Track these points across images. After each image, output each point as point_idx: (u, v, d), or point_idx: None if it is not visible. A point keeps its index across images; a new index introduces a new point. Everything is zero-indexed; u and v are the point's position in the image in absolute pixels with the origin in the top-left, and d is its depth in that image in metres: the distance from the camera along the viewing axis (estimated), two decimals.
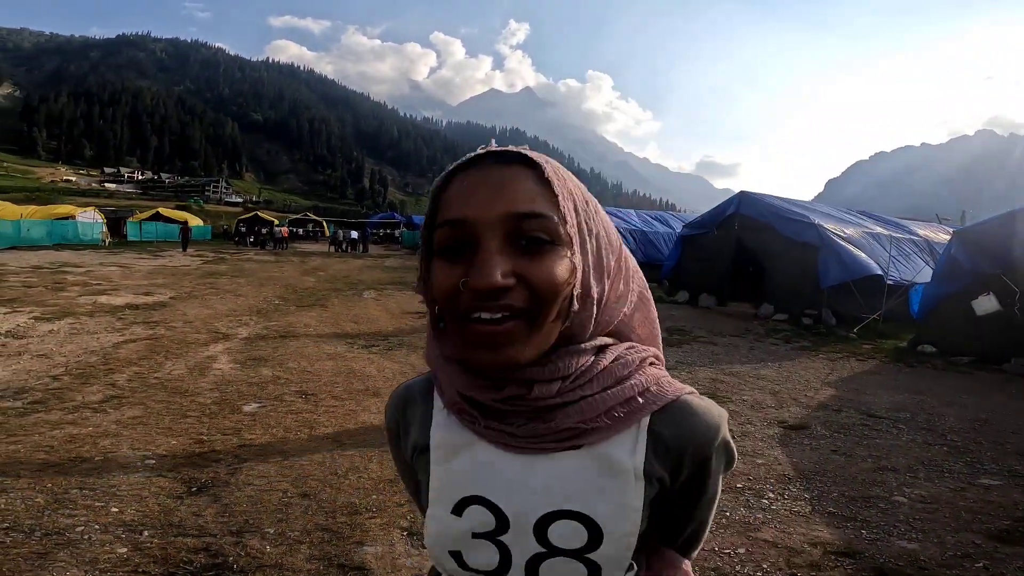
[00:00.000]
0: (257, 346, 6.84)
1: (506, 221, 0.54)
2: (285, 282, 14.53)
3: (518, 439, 0.59)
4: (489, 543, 0.62)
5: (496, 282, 0.52)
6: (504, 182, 0.55)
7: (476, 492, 0.62)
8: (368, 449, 3.79)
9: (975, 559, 2.71)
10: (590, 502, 0.59)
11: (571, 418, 0.58)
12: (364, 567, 2.46)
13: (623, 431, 0.59)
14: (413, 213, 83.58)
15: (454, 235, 0.55)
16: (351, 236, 35.15)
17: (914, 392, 6.14)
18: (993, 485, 3.67)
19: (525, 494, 0.60)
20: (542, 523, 0.60)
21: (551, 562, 0.60)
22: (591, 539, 0.59)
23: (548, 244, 0.55)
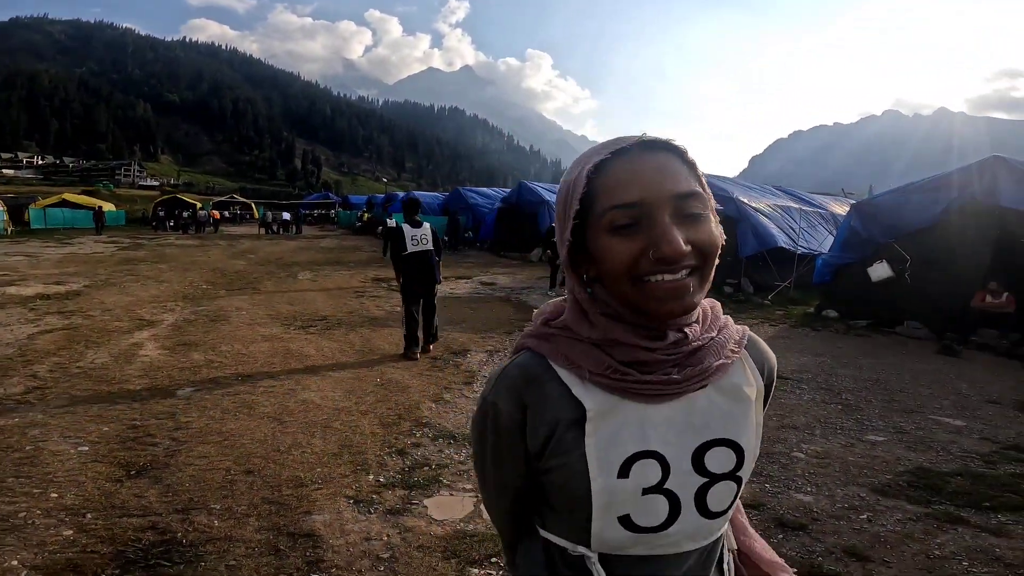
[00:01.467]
0: (186, 331, 6.64)
1: (673, 199, 0.63)
2: (212, 266, 13.95)
3: (672, 385, 0.67)
4: (658, 495, 0.69)
5: (683, 250, 0.62)
6: (663, 166, 0.65)
7: (639, 448, 0.68)
8: (311, 426, 3.87)
9: (860, 511, 2.98)
10: (730, 426, 0.70)
11: (712, 356, 0.69)
12: (313, 533, 2.58)
13: (732, 363, 0.72)
14: (349, 193, 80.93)
15: (630, 215, 0.63)
16: (283, 217, 33.80)
17: (816, 354, 6.75)
18: (879, 441, 4.03)
19: (674, 434, 0.69)
20: (697, 457, 0.69)
21: (715, 489, 0.70)
22: (737, 460, 0.71)
23: (702, 215, 0.65)
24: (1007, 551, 2.61)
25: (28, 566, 2.24)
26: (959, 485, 3.32)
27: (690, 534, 0.71)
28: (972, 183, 7.57)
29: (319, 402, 4.37)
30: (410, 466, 3.34)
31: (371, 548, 2.50)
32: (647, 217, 0.63)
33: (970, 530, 2.81)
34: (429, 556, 2.47)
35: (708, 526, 0.72)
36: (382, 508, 2.85)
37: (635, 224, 0.63)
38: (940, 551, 2.61)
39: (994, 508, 3.04)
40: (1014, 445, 4.02)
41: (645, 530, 0.70)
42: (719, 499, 0.71)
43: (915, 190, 8.27)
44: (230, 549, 2.42)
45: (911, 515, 2.95)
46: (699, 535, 0.72)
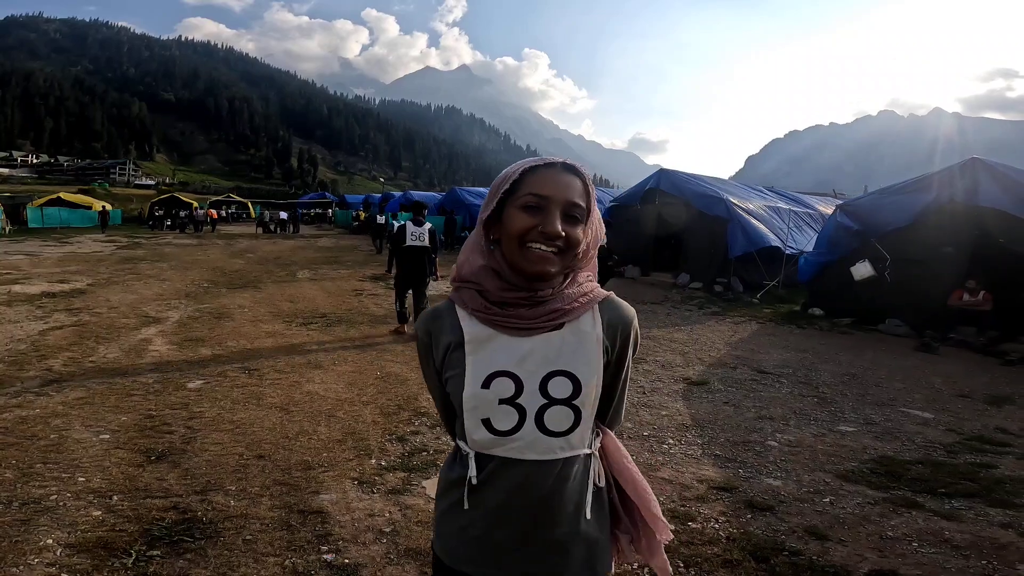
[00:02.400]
0: (192, 328, 6.86)
1: (566, 203, 0.94)
2: (212, 265, 14.13)
3: (525, 320, 0.95)
4: (509, 407, 0.95)
5: (559, 232, 0.92)
6: (570, 182, 0.95)
7: (499, 368, 0.96)
8: (316, 415, 4.10)
9: (824, 495, 3.17)
10: (572, 362, 0.96)
11: (557, 303, 0.96)
12: (322, 511, 2.82)
13: (585, 313, 0.99)
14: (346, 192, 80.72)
15: (538, 201, 0.93)
16: (280, 217, 33.93)
17: (799, 350, 7.00)
18: (848, 431, 4.24)
19: (532, 363, 0.96)
20: (543, 382, 0.95)
21: (552, 410, 0.95)
22: (574, 389, 0.96)
23: (579, 221, 0.96)
24: (956, 534, 2.79)
25: (63, 544, 2.45)
26: (919, 473, 3.52)
27: (530, 443, 0.96)
28: (952, 184, 7.84)
29: (323, 393, 4.61)
30: (409, 451, 3.58)
31: (375, 523, 2.74)
32: (546, 207, 0.93)
33: (924, 514, 2.98)
34: (428, 530, 2.70)
35: (547, 442, 0.96)
36: (384, 488, 3.09)
37: (538, 208, 0.93)
38: (893, 532, 2.79)
39: (949, 494, 3.22)
40: (978, 436, 4.23)
41: (500, 433, 0.95)
42: (556, 420, 0.95)
43: (896, 191, 8.54)
44: (246, 525, 2.64)
45: (870, 499, 3.14)
46: (538, 447, 0.96)
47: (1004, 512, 3.04)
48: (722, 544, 2.64)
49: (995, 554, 2.63)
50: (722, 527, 2.78)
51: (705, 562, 2.50)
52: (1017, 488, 3.35)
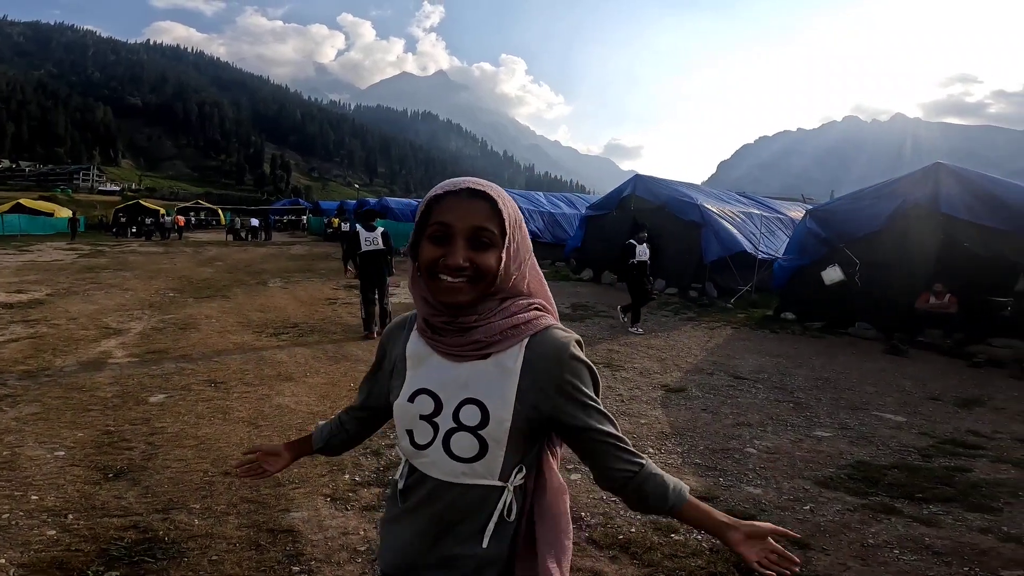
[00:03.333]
0: (155, 339, 6.61)
1: (470, 230, 0.91)
2: (178, 274, 13.71)
3: (451, 347, 0.96)
4: (427, 424, 0.97)
5: (460, 264, 0.91)
6: (474, 207, 0.92)
7: (425, 386, 0.98)
8: (286, 429, 3.95)
9: (804, 502, 3.16)
10: (486, 393, 0.94)
11: (480, 334, 0.94)
12: (293, 529, 2.70)
13: (511, 347, 0.95)
14: (320, 199, 79.63)
15: (441, 231, 0.92)
16: (251, 224, 33.25)
17: (773, 355, 7.06)
18: (824, 436, 4.26)
19: (453, 387, 0.96)
20: (458, 408, 0.95)
21: (458, 435, 0.95)
22: (482, 419, 0.94)
23: (489, 245, 0.92)
24: (936, 540, 2.78)
25: (15, 564, 2.31)
26: (895, 478, 3.54)
27: (435, 462, 0.97)
28: (917, 189, 8.04)
29: (293, 406, 4.45)
30: (385, 465, 3.46)
31: (349, 542, 2.62)
32: (450, 236, 0.92)
33: (903, 520, 2.99)
34: None
35: (450, 465, 0.96)
36: (359, 505, 2.98)
37: (443, 237, 0.92)
38: (874, 540, 2.78)
39: (926, 499, 3.23)
40: (950, 439, 4.29)
41: (417, 446, 0.98)
42: (460, 446, 0.95)
43: (864, 196, 8.73)
44: (212, 545, 2.52)
45: (850, 506, 3.14)
46: (442, 468, 0.97)
47: (982, 516, 3.06)
48: (706, 556, 2.61)
49: (976, 560, 2.63)
50: (705, 538, 2.75)
51: (689, 575, 2.47)
52: (993, 492, 3.36)
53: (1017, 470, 3.74)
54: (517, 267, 0.97)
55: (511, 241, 0.95)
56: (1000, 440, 4.32)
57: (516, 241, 0.96)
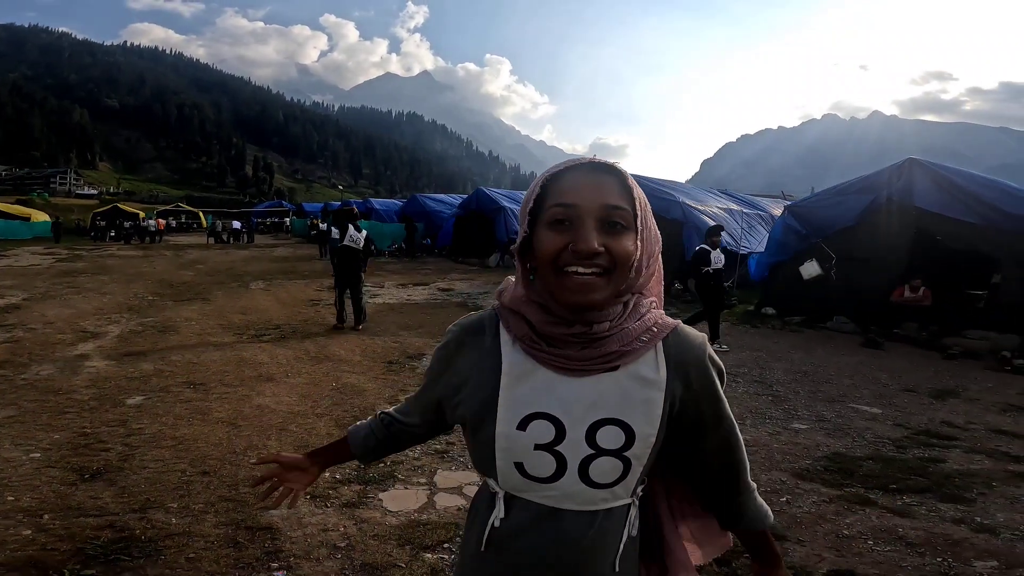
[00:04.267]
0: (133, 342, 6.51)
1: (601, 209, 0.77)
2: (157, 277, 13.51)
3: (574, 361, 0.80)
4: (547, 453, 0.81)
5: (595, 248, 0.76)
6: (601, 182, 0.79)
7: (539, 409, 0.81)
8: (266, 429, 3.93)
9: (781, 494, 3.18)
10: (626, 410, 0.81)
11: (615, 344, 0.80)
12: (272, 527, 2.68)
13: (647, 353, 0.83)
14: (304, 200, 78.83)
15: (566, 214, 0.78)
16: (233, 226, 32.86)
17: (754, 349, 7.17)
18: (802, 429, 4.30)
19: (579, 408, 0.80)
20: (591, 430, 0.80)
21: (598, 461, 0.81)
22: (627, 440, 0.81)
23: (624, 228, 0.78)
24: (909, 531, 2.82)
25: None
26: (870, 469, 3.57)
27: (570, 494, 0.82)
28: (890, 184, 8.21)
29: (274, 407, 4.42)
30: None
31: (328, 538, 2.62)
32: (577, 218, 0.77)
33: (877, 511, 3.02)
34: (384, 543, 2.60)
35: (589, 493, 0.82)
36: (338, 502, 2.97)
37: (567, 221, 0.78)
38: (849, 531, 2.81)
39: (900, 490, 3.27)
40: (924, 431, 4.36)
41: (535, 479, 0.83)
42: (602, 472, 0.81)
43: (840, 192, 8.90)
44: (189, 543, 2.50)
45: (825, 497, 3.16)
46: (579, 498, 0.83)
47: (955, 507, 3.09)
48: None
49: (949, 550, 2.66)
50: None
51: None
52: (966, 482, 3.40)
53: (990, 460, 3.80)
54: (648, 259, 0.84)
55: (643, 225, 0.81)
56: (974, 431, 4.40)
57: (648, 224, 0.83)
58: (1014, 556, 2.60)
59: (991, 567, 2.52)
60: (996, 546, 2.70)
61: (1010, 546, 2.70)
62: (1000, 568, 2.52)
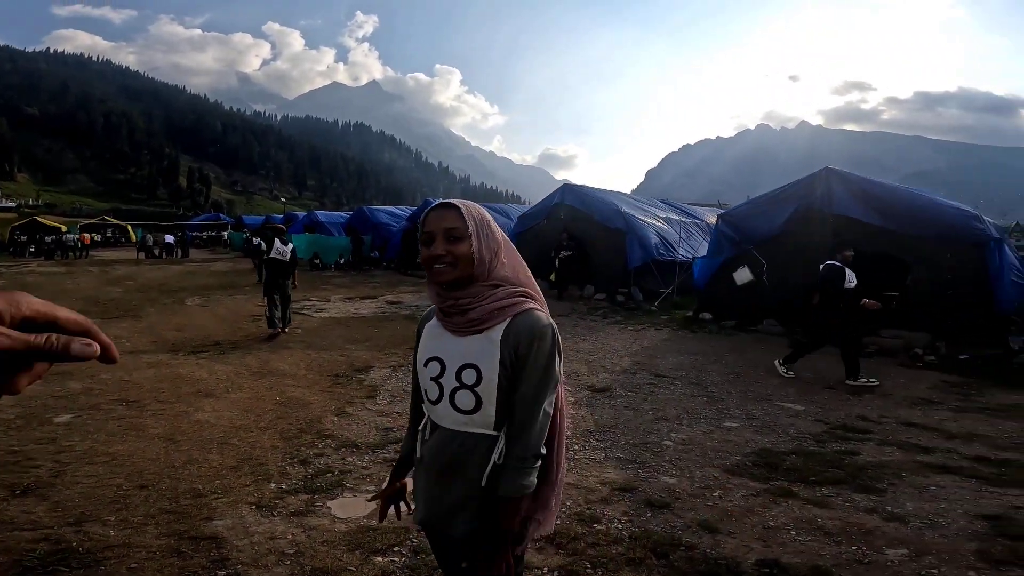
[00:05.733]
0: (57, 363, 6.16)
1: (444, 230, 1.27)
2: (82, 295, 12.77)
3: (456, 325, 1.29)
4: (435, 383, 1.31)
5: (439, 253, 1.26)
6: (444, 215, 1.29)
7: (434, 354, 1.33)
8: (206, 443, 3.84)
9: (714, 489, 3.36)
10: (480, 358, 1.26)
11: (474, 314, 1.27)
12: (217, 536, 2.65)
13: (498, 324, 1.27)
14: (244, 213, 75.51)
15: (427, 236, 1.29)
16: (166, 240, 31.31)
17: (691, 353, 7.48)
18: (733, 427, 4.51)
19: (455, 354, 1.29)
20: (459, 370, 1.28)
21: (459, 392, 1.28)
22: (477, 379, 1.26)
23: (461, 239, 1.26)
24: (828, 521, 2.98)
25: None
26: (793, 463, 3.76)
27: (444, 415, 1.31)
28: (810, 193, 8.77)
29: (214, 422, 4.32)
30: (312, 473, 3.45)
31: (276, 546, 2.61)
32: (432, 238, 1.28)
33: (799, 503, 3.20)
34: (334, 549, 2.62)
35: (455, 416, 1.29)
36: (286, 511, 2.96)
37: (428, 240, 1.29)
38: (774, 522, 2.97)
39: (819, 482, 3.46)
40: (842, 425, 4.65)
41: (431, 401, 1.33)
42: (462, 400, 1.28)
43: (767, 200, 9.43)
44: (130, 554, 2.45)
45: (753, 491, 3.34)
46: (449, 419, 1.31)
47: (868, 497, 3.28)
48: (625, 543, 2.74)
49: (863, 539, 2.82)
50: (625, 527, 2.89)
51: (611, 562, 2.59)
52: (878, 473, 3.62)
53: (901, 452, 4.05)
54: (492, 253, 1.29)
55: (478, 233, 1.28)
56: (886, 424, 4.71)
57: (484, 234, 1.29)
58: (922, 543, 2.76)
59: (901, 554, 2.68)
60: (905, 534, 2.87)
61: (919, 534, 2.86)
62: (910, 555, 2.67)
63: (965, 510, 3.14)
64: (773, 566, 2.57)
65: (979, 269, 7.53)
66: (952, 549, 2.72)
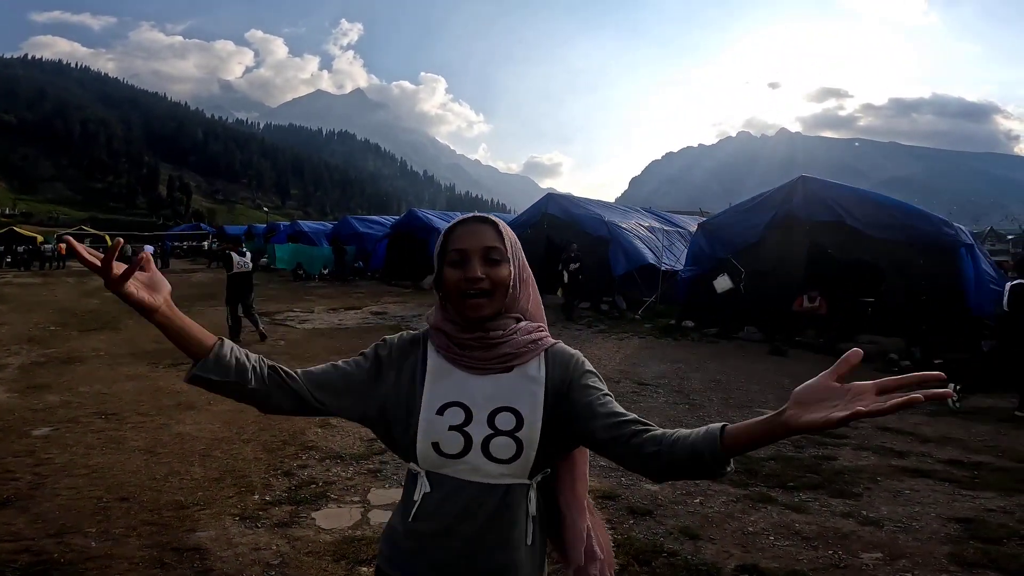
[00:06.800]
0: (35, 374, 6.08)
1: (482, 250, 1.07)
2: (59, 306, 12.57)
3: (478, 361, 1.08)
4: (458, 433, 1.05)
5: (478, 276, 1.05)
6: (479, 231, 1.09)
7: (453, 399, 1.07)
8: (188, 456, 3.81)
9: (695, 496, 3.40)
10: (517, 400, 1.06)
11: (507, 348, 1.08)
12: (200, 548, 2.64)
13: (532, 359, 1.10)
14: (226, 223, 74.64)
15: (459, 255, 1.07)
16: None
17: (674, 361, 7.58)
18: None
19: (483, 398, 1.06)
20: (491, 416, 1.05)
21: (496, 440, 1.04)
22: (517, 423, 1.05)
23: (500, 260, 1.07)
24: (805, 526, 3.01)
25: None
26: (772, 468, 3.81)
27: (476, 467, 1.05)
28: (786, 201, 8.98)
29: (196, 434, 4.28)
30: (296, 485, 3.44)
31: (261, 557, 2.61)
32: (467, 257, 1.07)
33: (777, 508, 3.23)
34: (319, 560, 2.63)
35: (490, 467, 1.05)
36: (269, 523, 2.95)
37: (461, 260, 1.07)
38: (753, 527, 3.01)
39: (797, 488, 3.50)
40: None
41: (448, 456, 1.05)
42: (499, 449, 1.05)
43: (745, 209, 9.62)
44: (112, 565, 2.44)
45: (733, 497, 3.38)
46: (482, 472, 1.05)
47: (844, 502, 3.32)
48: None
49: (839, 543, 2.85)
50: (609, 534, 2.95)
51: None
52: (854, 478, 3.67)
53: (876, 456, 4.11)
54: (523, 283, 1.12)
55: (514, 256, 1.11)
56: (862, 429, 4.74)
57: (518, 257, 1.12)
58: (896, 547, 2.80)
59: (876, 558, 2.71)
60: (880, 538, 2.90)
61: (893, 537, 2.90)
62: (884, 559, 2.70)
63: (939, 513, 3.20)
64: (752, 571, 2.61)
65: (952, 274, 7.70)
66: (926, 552, 2.77)
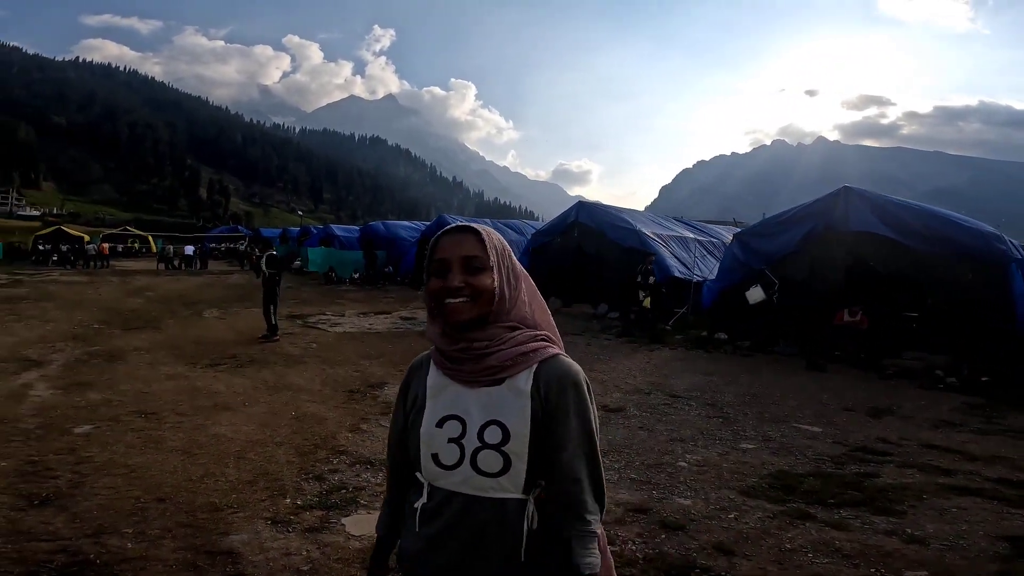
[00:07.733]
0: (79, 371, 6.29)
1: (461, 259, 1.08)
2: (104, 305, 12.98)
3: (467, 374, 1.09)
4: (455, 445, 1.08)
5: (458, 285, 1.07)
6: (461, 240, 1.10)
7: (451, 412, 1.10)
8: (223, 457, 3.88)
9: (729, 511, 3.31)
10: (505, 413, 1.07)
11: (492, 360, 1.08)
12: (233, 551, 2.67)
13: (522, 372, 1.08)
14: (262, 225, 76.57)
15: (440, 265, 1.09)
16: (185, 252, 31.80)
17: (706, 374, 7.42)
18: (749, 448, 4.48)
19: (475, 411, 1.08)
20: (481, 429, 1.07)
21: (483, 453, 1.06)
22: (504, 437, 1.06)
23: (481, 269, 1.08)
24: (845, 543, 2.93)
25: None
26: (811, 485, 3.71)
27: (466, 479, 1.07)
28: (827, 212, 8.72)
29: (231, 435, 4.36)
30: (327, 490, 3.46)
31: (291, 562, 2.63)
32: (448, 266, 1.09)
33: (816, 525, 3.15)
34: (348, 567, 2.63)
35: (479, 480, 1.07)
36: (300, 527, 2.97)
37: (443, 270, 1.09)
38: (791, 544, 2.93)
39: (838, 504, 3.41)
40: (862, 447, 4.59)
41: (445, 467, 1.09)
42: (487, 462, 1.06)
43: (782, 220, 9.38)
44: (147, 567, 2.48)
45: (769, 513, 3.29)
46: (472, 484, 1.07)
47: (887, 520, 3.23)
48: (640, 565, 2.70)
49: (882, 561, 2.77)
50: (639, 548, 2.86)
51: None
52: (898, 495, 3.56)
53: (921, 474, 3.98)
54: (512, 288, 1.12)
55: (499, 264, 1.11)
56: (907, 446, 4.65)
57: (505, 265, 1.12)
58: (942, 566, 2.72)
59: None
60: (926, 556, 2.82)
61: (939, 556, 2.82)
62: None
63: (987, 531, 3.10)
64: None
65: (1001, 290, 7.40)
66: (973, 571, 2.69)
